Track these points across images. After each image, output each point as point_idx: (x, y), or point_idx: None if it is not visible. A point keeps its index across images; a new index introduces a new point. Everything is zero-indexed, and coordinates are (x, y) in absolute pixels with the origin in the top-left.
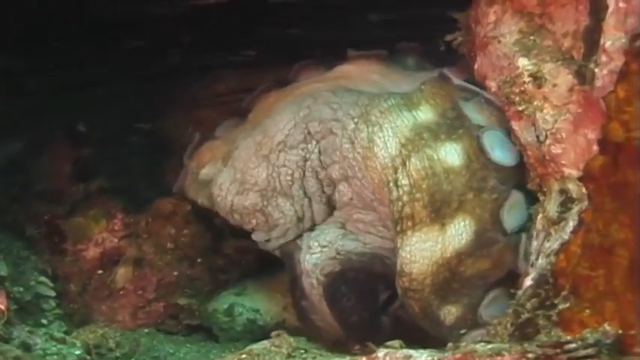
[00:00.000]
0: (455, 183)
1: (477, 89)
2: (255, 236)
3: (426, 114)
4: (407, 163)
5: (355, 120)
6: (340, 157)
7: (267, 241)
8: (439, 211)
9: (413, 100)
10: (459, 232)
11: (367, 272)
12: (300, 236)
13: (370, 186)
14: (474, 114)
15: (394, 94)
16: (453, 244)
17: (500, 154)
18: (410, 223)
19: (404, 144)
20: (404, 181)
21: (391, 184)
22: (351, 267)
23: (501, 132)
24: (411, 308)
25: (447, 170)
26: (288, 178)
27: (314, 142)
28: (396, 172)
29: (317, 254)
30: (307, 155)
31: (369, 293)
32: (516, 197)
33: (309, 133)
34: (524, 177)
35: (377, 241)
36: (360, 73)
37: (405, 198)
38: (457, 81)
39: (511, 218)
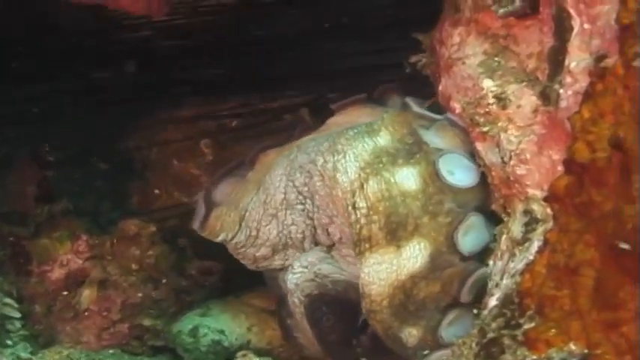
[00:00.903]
0: (411, 206)
1: (436, 116)
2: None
3: (385, 140)
4: (364, 186)
5: (324, 154)
6: (320, 199)
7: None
8: (395, 234)
9: (374, 127)
10: (414, 254)
11: (345, 296)
12: None
13: (342, 216)
14: (435, 138)
15: (360, 124)
16: (407, 267)
17: (459, 176)
18: (367, 245)
19: (363, 167)
20: (361, 204)
21: (350, 208)
22: (327, 291)
23: (461, 154)
24: (376, 330)
25: (404, 193)
26: (300, 236)
27: (308, 200)
28: (354, 195)
29: (297, 274)
30: (310, 214)
31: (349, 313)
32: (473, 220)
33: (297, 190)
34: (486, 198)
35: (357, 271)
36: (350, 119)
37: (363, 220)
38: (417, 108)
39: (467, 241)
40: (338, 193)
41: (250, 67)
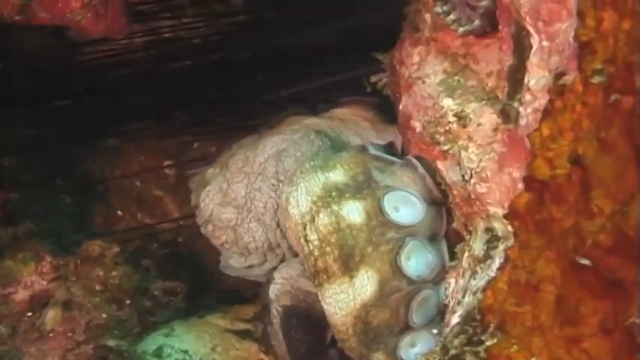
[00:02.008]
0: (357, 238)
1: (394, 159)
2: (234, 262)
3: (337, 176)
4: (315, 219)
5: (283, 182)
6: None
7: (250, 267)
8: (347, 264)
9: (329, 163)
10: (364, 284)
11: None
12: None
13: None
14: (387, 179)
15: (318, 156)
16: (360, 296)
17: (403, 213)
18: (325, 277)
19: (314, 201)
20: (312, 236)
21: (302, 240)
22: (298, 304)
23: (410, 192)
24: (351, 356)
25: (350, 226)
26: (261, 205)
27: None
28: (305, 228)
29: (278, 285)
30: (279, 193)
31: (318, 327)
32: (412, 244)
33: (277, 172)
34: (437, 228)
35: None
36: (354, 118)
37: (316, 252)
38: (374, 152)
39: (411, 265)
40: (291, 225)
41: (212, 89)
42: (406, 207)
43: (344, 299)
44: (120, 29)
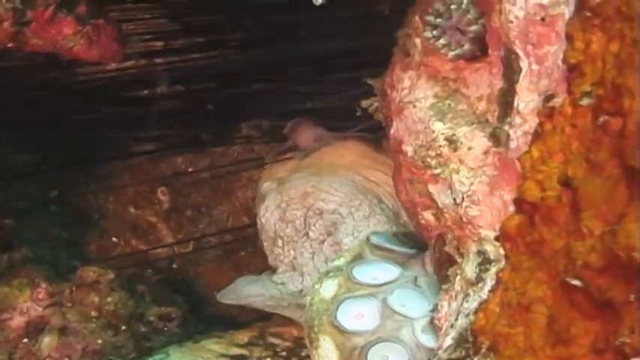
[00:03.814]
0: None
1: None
2: (290, 280)
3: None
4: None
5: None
6: None
7: (302, 293)
8: (310, 337)
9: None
10: (326, 351)
11: None
12: None
13: None
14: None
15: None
16: None
17: (376, 275)
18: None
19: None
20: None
21: None
22: None
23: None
24: None
25: (321, 300)
26: (321, 237)
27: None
28: None
29: None
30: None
31: None
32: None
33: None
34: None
35: None
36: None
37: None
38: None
39: (344, 319)
40: None
41: (204, 113)
42: (377, 272)
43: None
44: (112, 55)
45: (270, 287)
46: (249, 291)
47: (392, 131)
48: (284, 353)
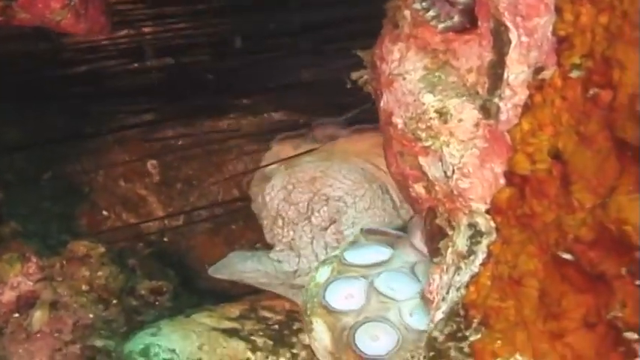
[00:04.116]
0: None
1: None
2: (286, 260)
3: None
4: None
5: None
6: None
7: (296, 274)
8: (305, 320)
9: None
10: (320, 333)
11: None
12: None
13: None
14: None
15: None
16: (323, 346)
17: (367, 257)
18: None
19: None
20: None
21: None
22: None
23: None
24: None
25: (316, 285)
26: (324, 224)
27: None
28: None
29: None
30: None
31: None
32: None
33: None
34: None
35: None
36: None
37: None
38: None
39: (334, 299)
40: None
41: (196, 85)
42: (371, 252)
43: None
44: (100, 29)
45: (266, 263)
46: (243, 267)
47: (382, 104)
48: (276, 326)
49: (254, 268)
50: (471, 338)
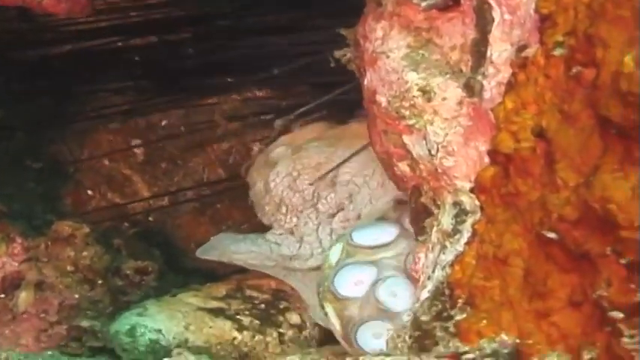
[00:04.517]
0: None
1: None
2: (286, 244)
3: None
4: None
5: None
6: None
7: (293, 258)
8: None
9: None
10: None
11: None
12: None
13: None
14: None
15: None
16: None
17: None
18: None
19: None
20: None
21: None
22: None
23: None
24: None
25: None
26: (330, 211)
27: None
28: None
29: None
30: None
31: None
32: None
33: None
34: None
35: None
36: None
37: None
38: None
39: (340, 283)
40: None
41: (179, 65)
42: (377, 231)
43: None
44: (81, 9)
45: (262, 245)
46: (236, 247)
47: (365, 82)
48: (262, 306)
49: (247, 249)
50: (457, 318)
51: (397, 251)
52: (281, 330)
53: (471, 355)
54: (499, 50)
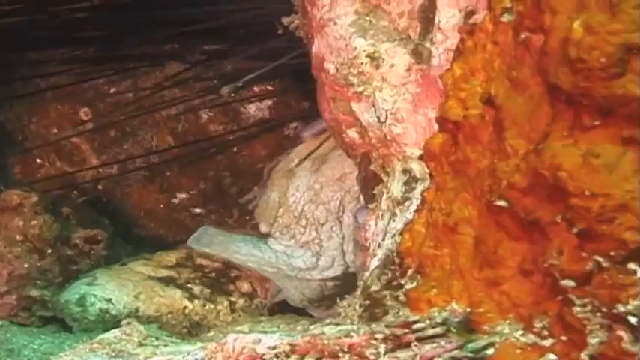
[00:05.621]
0: None
1: None
2: (297, 255)
3: None
4: None
5: None
6: None
7: (309, 269)
8: None
9: None
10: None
11: None
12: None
13: None
14: None
15: None
16: None
17: None
18: None
19: None
20: None
21: None
22: None
23: None
24: None
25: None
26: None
27: None
28: None
29: None
30: None
31: None
32: None
33: None
34: None
35: None
36: None
37: None
38: None
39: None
40: None
41: (125, 31)
42: None
43: None
44: None
45: (265, 251)
46: (238, 248)
47: (313, 49)
48: (213, 274)
49: (248, 252)
50: (407, 286)
51: None
52: (232, 298)
53: (421, 324)
54: (447, 16)
